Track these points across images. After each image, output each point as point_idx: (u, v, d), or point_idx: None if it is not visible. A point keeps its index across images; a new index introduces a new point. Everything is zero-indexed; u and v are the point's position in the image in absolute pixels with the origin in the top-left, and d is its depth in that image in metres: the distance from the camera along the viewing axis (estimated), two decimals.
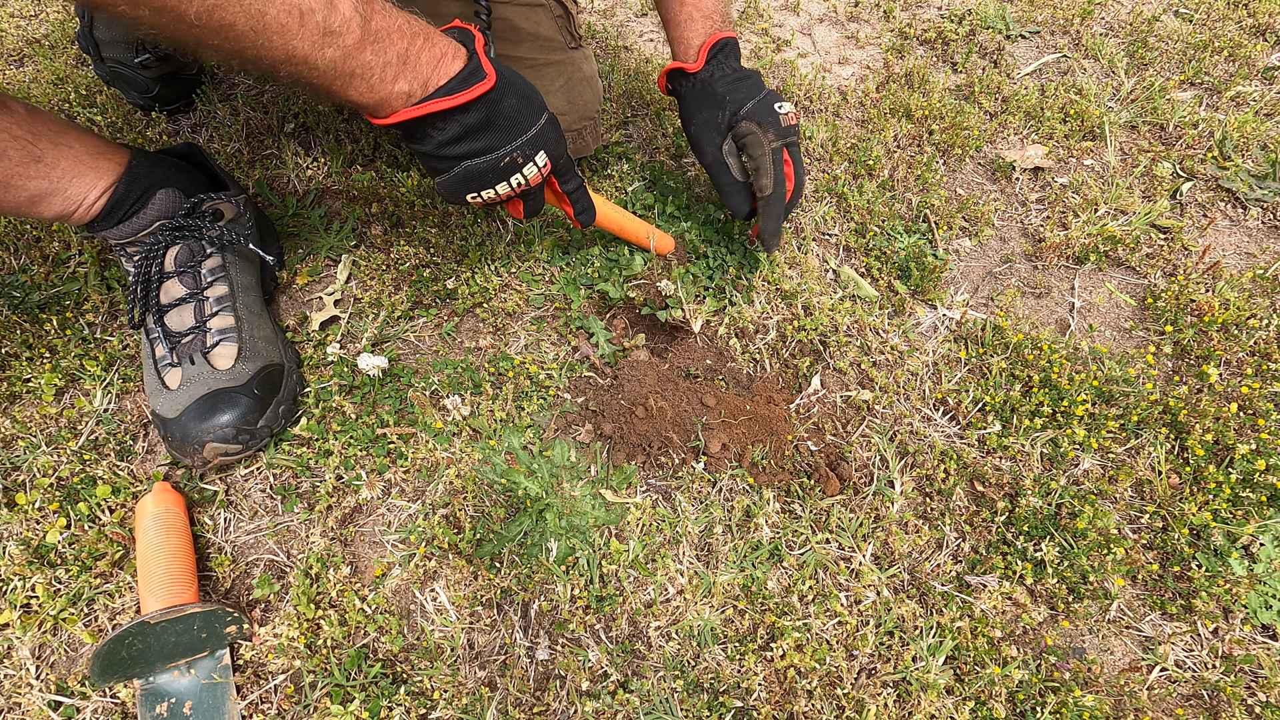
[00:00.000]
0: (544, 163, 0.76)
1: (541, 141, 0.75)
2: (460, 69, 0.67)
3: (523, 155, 0.74)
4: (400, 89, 0.64)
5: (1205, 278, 1.07)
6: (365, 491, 0.84)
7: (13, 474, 0.83)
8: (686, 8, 0.96)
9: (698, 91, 0.96)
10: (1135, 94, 1.36)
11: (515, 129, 0.72)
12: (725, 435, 0.88)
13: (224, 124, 1.22)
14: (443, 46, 0.67)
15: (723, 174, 0.95)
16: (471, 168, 0.72)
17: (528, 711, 0.71)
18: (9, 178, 0.72)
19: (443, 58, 0.66)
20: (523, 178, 0.75)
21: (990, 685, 0.72)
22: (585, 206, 0.87)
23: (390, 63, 0.62)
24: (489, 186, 0.74)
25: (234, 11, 0.52)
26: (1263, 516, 0.83)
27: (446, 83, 0.66)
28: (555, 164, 0.78)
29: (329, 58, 0.59)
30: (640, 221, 0.98)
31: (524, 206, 0.81)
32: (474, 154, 0.71)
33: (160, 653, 0.70)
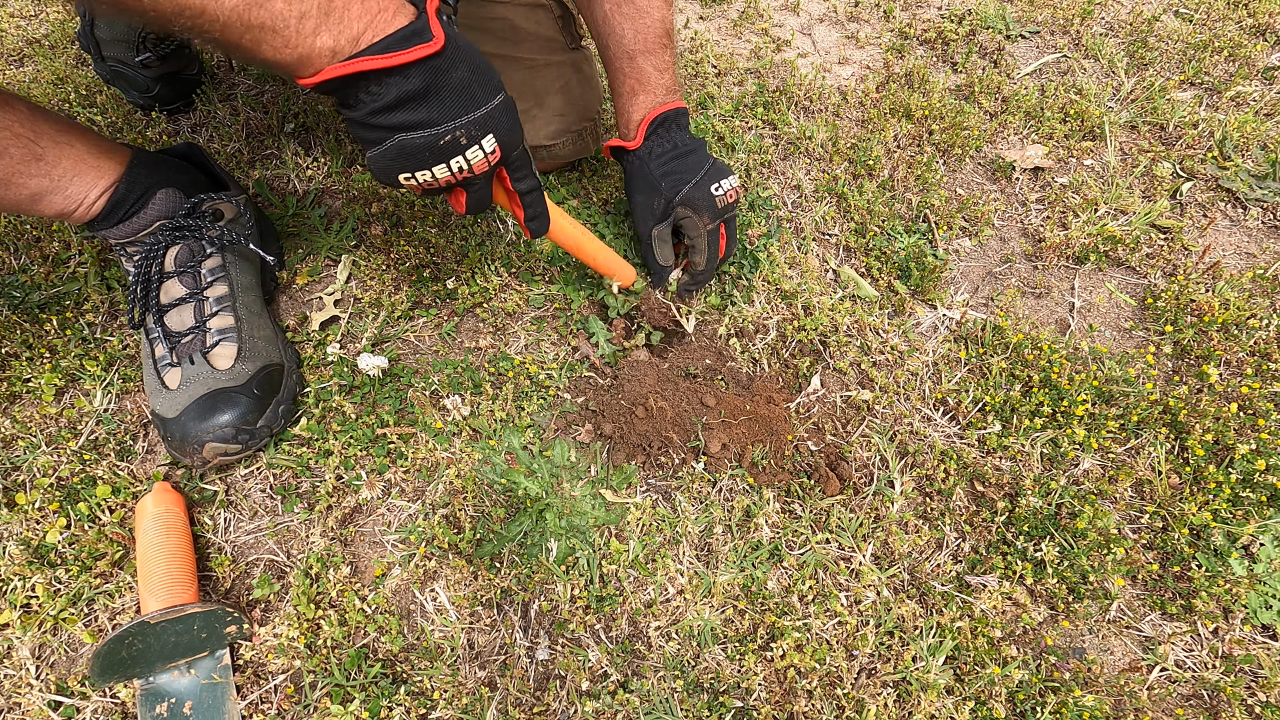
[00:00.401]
0: (492, 148, 0.67)
1: (492, 124, 0.66)
2: (402, 26, 0.59)
3: (467, 135, 0.64)
4: (323, 44, 0.56)
5: (1205, 278, 1.07)
6: (365, 491, 0.84)
7: (13, 474, 0.83)
8: (629, 80, 0.93)
9: (635, 169, 0.95)
10: (1135, 94, 1.36)
11: (462, 104, 0.63)
12: (725, 435, 0.88)
13: (224, 124, 1.22)
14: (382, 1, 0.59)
15: (650, 254, 0.97)
16: (407, 142, 0.63)
17: (528, 711, 0.71)
18: (10, 175, 0.72)
19: (380, 11, 0.58)
20: (465, 162, 0.66)
21: (990, 685, 0.72)
22: (538, 213, 0.79)
23: (308, 13, 0.54)
24: (425, 167, 0.65)
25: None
26: (1263, 516, 0.83)
27: (382, 39, 0.58)
28: (506, 154, 0.69)
29: (229, 6, 0.51)
30: (602, 246, 0.93)
31: (466, 199, 0.72)
32: (410, 126, 0.63)
33: (160, 653, 0.70)
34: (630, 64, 0.92)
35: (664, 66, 0.93)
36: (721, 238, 0.96)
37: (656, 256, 0.97)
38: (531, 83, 0.99)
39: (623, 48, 0.91)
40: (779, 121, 1.28)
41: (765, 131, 1.28)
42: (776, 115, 1.28)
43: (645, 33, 0.91)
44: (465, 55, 0.63)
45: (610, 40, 0.92)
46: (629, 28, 0.90)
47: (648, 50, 0.91)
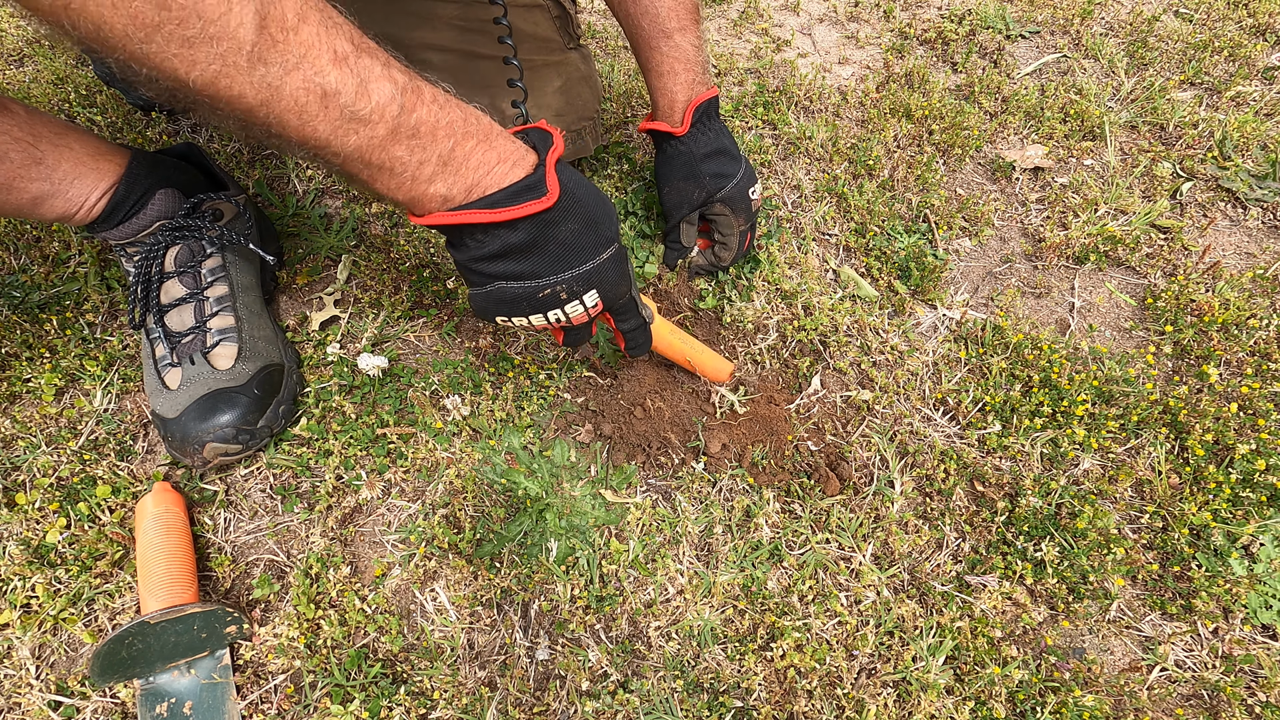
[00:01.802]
0: (594, 303, 0.66)
1: (596, 279, 0.64)
2: (518, 179, 0.58)
3: (568, 291, 0.63)
4: (437, 191, 0.56)
5: (1205, 278, 1.07)
6: (365, 491, 0.84)
7: (13, 474, 0.83)
8: (668, 59, 0.91)
9: (678, 155, 0.95)
10: (1135, 94, 1.36)
11: (567, 259, 0.62)
12: (725, 435, 0.88)
13: None
14: (504, 150, 0.58)
15: (674, 237, 1.01)
16: (506, 290, 0.63)
17: (528, 711, 0.71)
18: (11, 180, 0.72)
19: (499, 163, 0.58)
20: (563, 315, 0.65)
21: (990, 685, 0.72)
22: (640, 342, 0.78)
23: (427, 161, 0.54)
24: (522, 315, 0.65)
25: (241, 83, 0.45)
26: (1263, 516, 0.83)
27: (495, 192, 0.57)
28: (610, 305, 0.69)
29: (352, 146, 0.51)
30: (701, 348, 0.90)
31: (565, 337, 0.72)
32: (511, 276, 0.62)
33: (160, 653, 0.70)
34: (668, 42, 0.91)
35: (700, 43, 0.94)
36: (748, 237, 1.01)
37: (681, 239, 1.01)
38: (530, 83, 0.99)
39: (659, 26, 0.91)
40: (779, 121, 1.28)
41: (765, 131, 1.28)
42: (776, 115, 1.28)
43: (680, 8, 0.91)
44: (579, 208, 0.62)
45: (644, 20, 0.91)
46: (665, 5, 0.90)
47: (684, 27, 0.91)
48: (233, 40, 0.44)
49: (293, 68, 0.47)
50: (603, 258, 0.64)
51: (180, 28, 0.42)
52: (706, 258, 1.03)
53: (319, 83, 0.48)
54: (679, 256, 1.02)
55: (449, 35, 0.91)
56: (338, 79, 0.49)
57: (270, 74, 0.46)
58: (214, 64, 0.44)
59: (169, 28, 0.41)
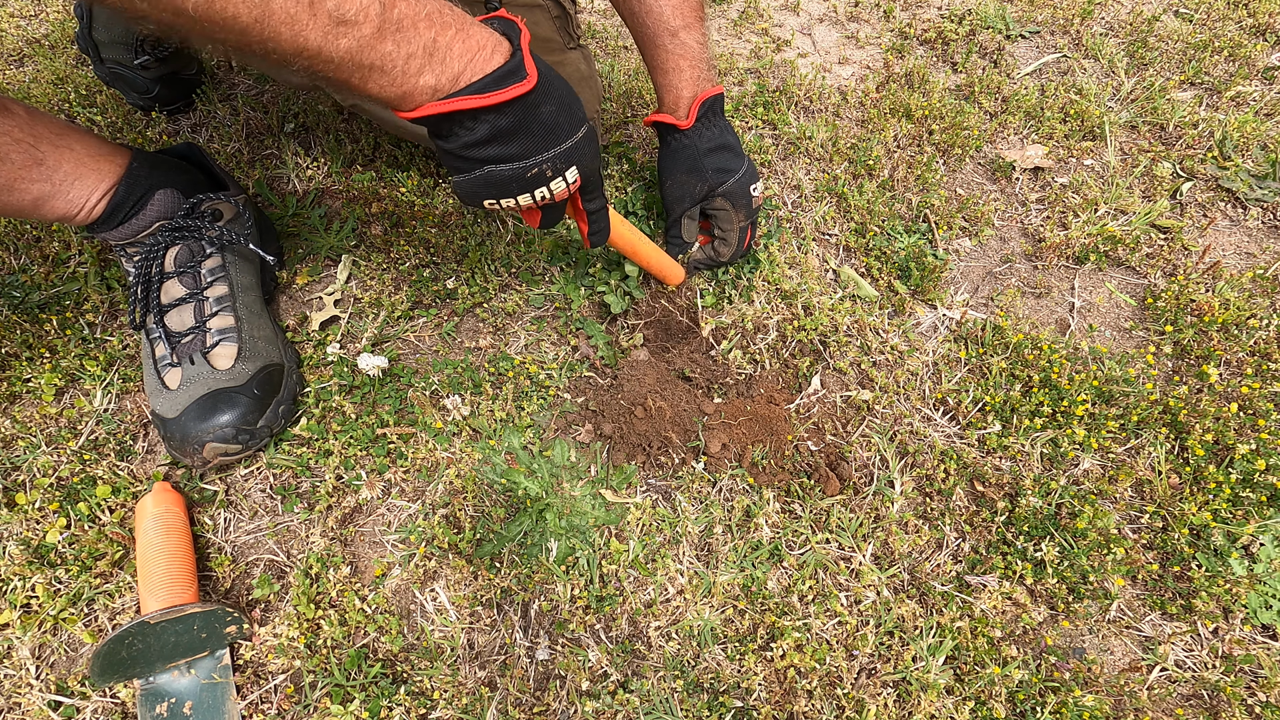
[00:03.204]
0: (574, 178, 0.70)
1: (576, 155, 0.69)
2: (498, 66, 0.61)
3: (553, 168, 0.68)
4: (426, 82, 0.58)
5: (1205, 278, 1.07)
6: (365, 491, 0.84)
7: (13, 474, 0.83)
8: (673, 57, 0.94)
9: (682, 149, 0.97)
10: (1135, 94, 1.36)
11: (550, 138, 0.66)
12: (725, 435, 0.88)
13: (224, 124, 1.22)
14: (480, 39, 0.60)
15: (675, 231, 1.02)
16: (495, 173, 0.66)
17: (528, 711, 0.71)
18: (12, 181, 0.72)
19: (479, 50, 0.60)
20: (548, 191, 0.69)
21: (990, 685, 0.72)
22: (602, 227, 0.82)
23: (414, 54, 0.57)
24: (510, 195, 0.69)
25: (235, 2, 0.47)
26: (1263, 516, 0.83)
27: (479, 79, 0.60)
28: (585, 180, 0.73)
29: (344, 49, 0.53)
30: (654, 247, 0.95)
31: (542, 218, 0.76)
32: (501, 159, 0.65)
33: (160, 653, 0.70)
34: (674, 40, 0.93)
35: (704, 40, 0.95)
36: (748, 234, 1.02)
37: (682, 233, 1.02)
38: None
39: (664, 24, 0.93)
40: (779, 121, 1.28)
41: (765, 131, 1.28)
42: (776, 115, 1.28)
43: (684, 6, 0.92)
44: (554, 90, 0.65)
45: (649, 18, 0.93)
46: (669, 3, 0.92)
47: (689, 25, 0.93)
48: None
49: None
50: (579, 135, 0.69)
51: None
52: (706, 253, 1.03)
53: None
54: (679, 251, 1.03)
55: None
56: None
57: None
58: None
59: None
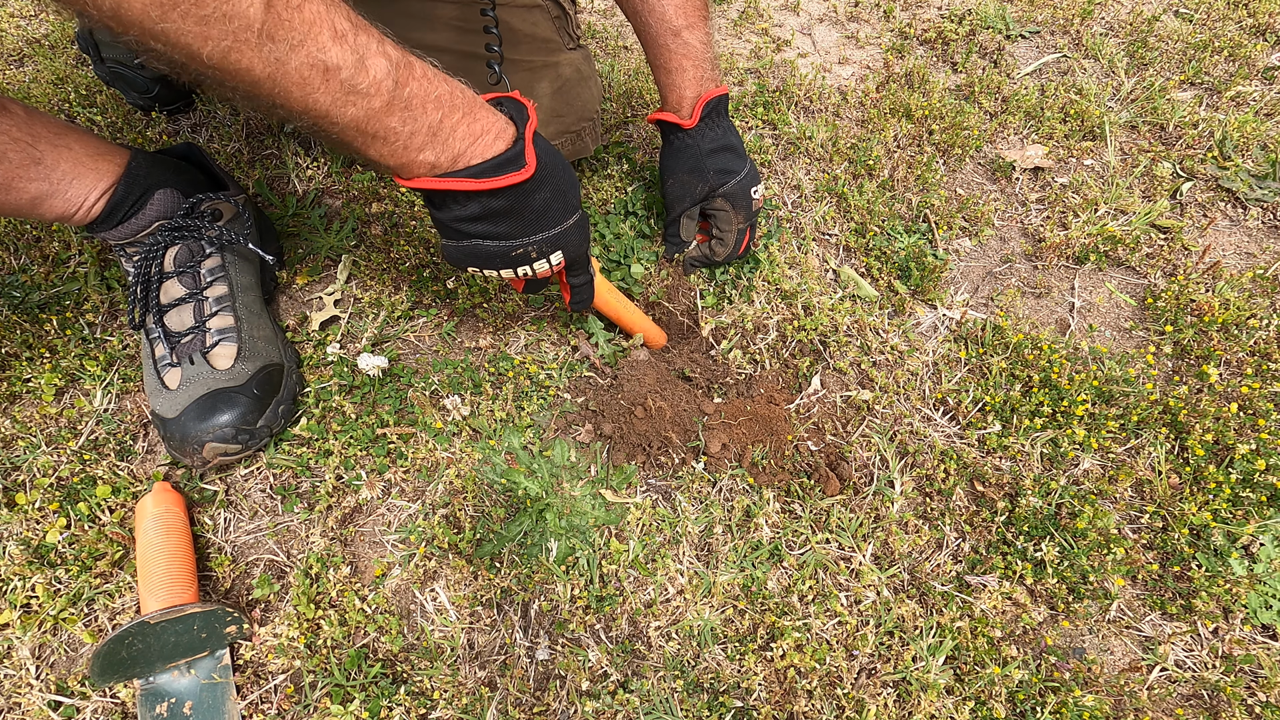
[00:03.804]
0: (558, 261, 0.74)
1: (563, 241, 0.72)
2: (499, 152, 0.63)
3: (538, 251, 0.71)
4: (425, 158, 0.61)
5: (1205, 278, 1.07)
6: (365, 491, 0.84)
7: (13, 474, 0.83)
8: (676, 56, 0.94)
9: (685, 148, 0.97)
10: (1135, 94, 1.36)
11: (539, 224, 0.69)
12: (725, 435, 0.88)
13: (224, 124, 1.22)
14: (486, 123, 0.63)
15: (674, 230, 1.03)
16: (482, 247, 0.69)
17: (528, 711, 0.71)
18: (9, 180, 0.72)
19: (481, 135, 0.62)
20: (530, 270, 0.73)
21: (990, 685, 0.72)
22: (585, 297, 0.85)
23: (418, 131, 0.59)
24: (494, 269, 0.72)
25: (250, 58, 0.49)
26: (1263, 516, 0.83)
27: (478, 164, 0.63)
28: (570, 262, 0.76)
29: (350, 116, 0.55)
30: (638, 313, 0.96)
31: (525, 286, 0.79)
32: (489, 236, 0.68)
33: (160, 653, 0.70)
34: (676, 40, 0.93)
35: (708, 40, 0.95)
36: (746, 236, 1.02)
37: (681, 232, 1.03)
38: (530, 85, 0.99)
39: (666, 24, 0.93)
40: (779, 121, 1.28)
41: (765, 131, 1.28)
42: (776, 115, 1.28)
43: (688, 6, 0.93)
44: (551, 178, 0.68)
45: (652, 18, 0.93)
46: (672, 3, 0.92)
47: (692, 25, 0.93)
48: (243, 19, 0.47)
49: (297, 44, 0.50)
50: (569, 223, 0.71)
51: (196, 7, 0.45)
52: (702, 251, 1.04)
53: (321, 58, 0.51)
54: (677, 250, 1.04)
55: (448, 36, 0.91)
56: (338, 55, 0.52)
57: (277, 50, 0.49)
58: (225, 40, 0.47)
59: (185, 6, 0.44)
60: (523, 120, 0.66)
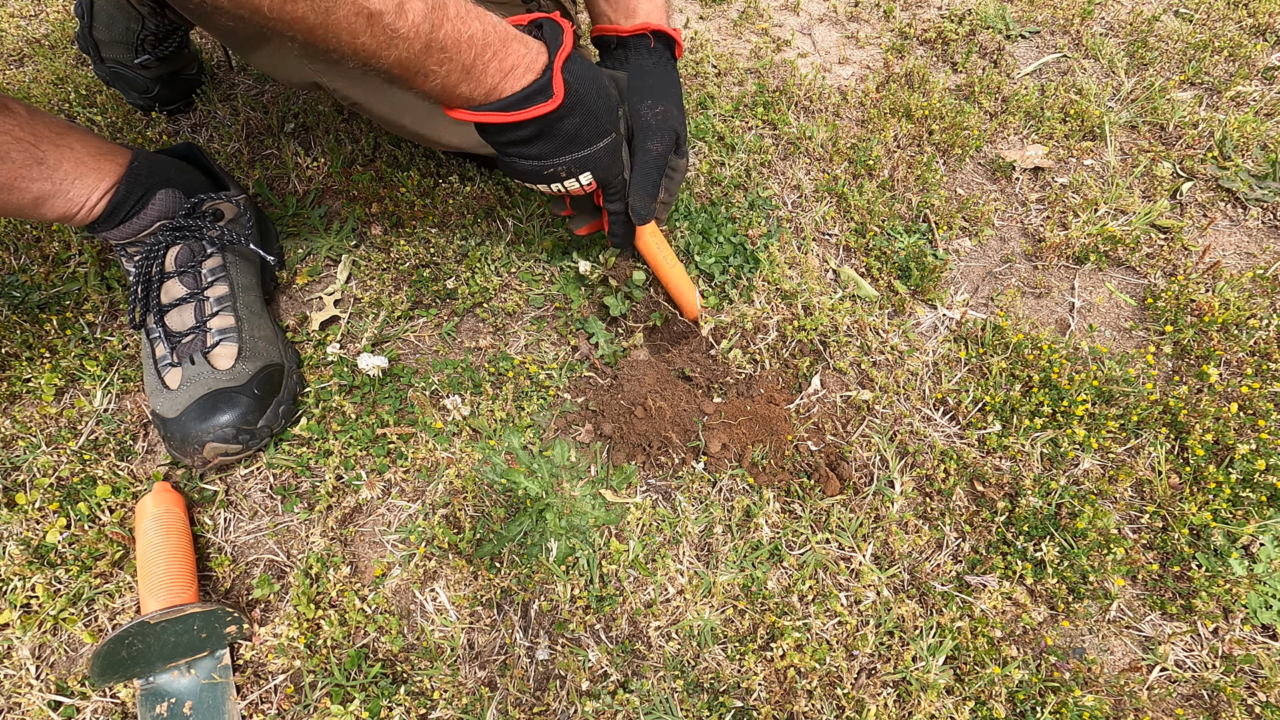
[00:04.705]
0: (588, 181, 0.77)
1: (591, 163, 0.76)
2: (527, 84, 0.67)
3: (568, 170, 0.75)
4: (462, 93, 0.65)
5: (1205, 278, 1.07)
6: (365, 491, 0.84)
7: (13, 474, 0.83)
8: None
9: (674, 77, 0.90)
10: (1135, 94, 1.36)
11: (568, 147, 0.73)
12: (725, 435, 0.88)
13: (224, 124, 1.22)
14: (517, 57, 0.66)
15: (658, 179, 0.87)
16: (517, 164, 0.74)
17: (528, 711, 0.71)
18: (12, 180, 0.72)
19: (512, 70, 0.66)
20: (563, 187, 0.77)
21: (990, 685, 0.72)
22: (621, 231, 0.87)
23: (453, 70, 0.63)
24: (532, 184, 0.77)
25: (304, 7, 0.53)
26: (1263, 516, 0.83)
27: (508, 96, 0.67)
28: (602, 184, 0.80)
29: (394, 57, 0.60)
30: (679, 272, 0.94)
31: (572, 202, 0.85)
32: (523, 156, 0.73)
33: (160, 653, 0.70)
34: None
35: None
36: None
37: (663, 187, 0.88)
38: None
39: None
40: (779, 121, 1.28)
41: (765, 131, 1.28)
42: (776, 115, 1.28)
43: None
44: (582, 104, 0.71)
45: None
46: None
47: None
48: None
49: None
50: (599, 146, 0.75)
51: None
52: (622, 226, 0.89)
53: (365, 5, 0.55)
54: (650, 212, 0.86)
55: None
56: (381, 2, 0.56)
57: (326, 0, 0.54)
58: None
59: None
60: (556, 45, 0.69)
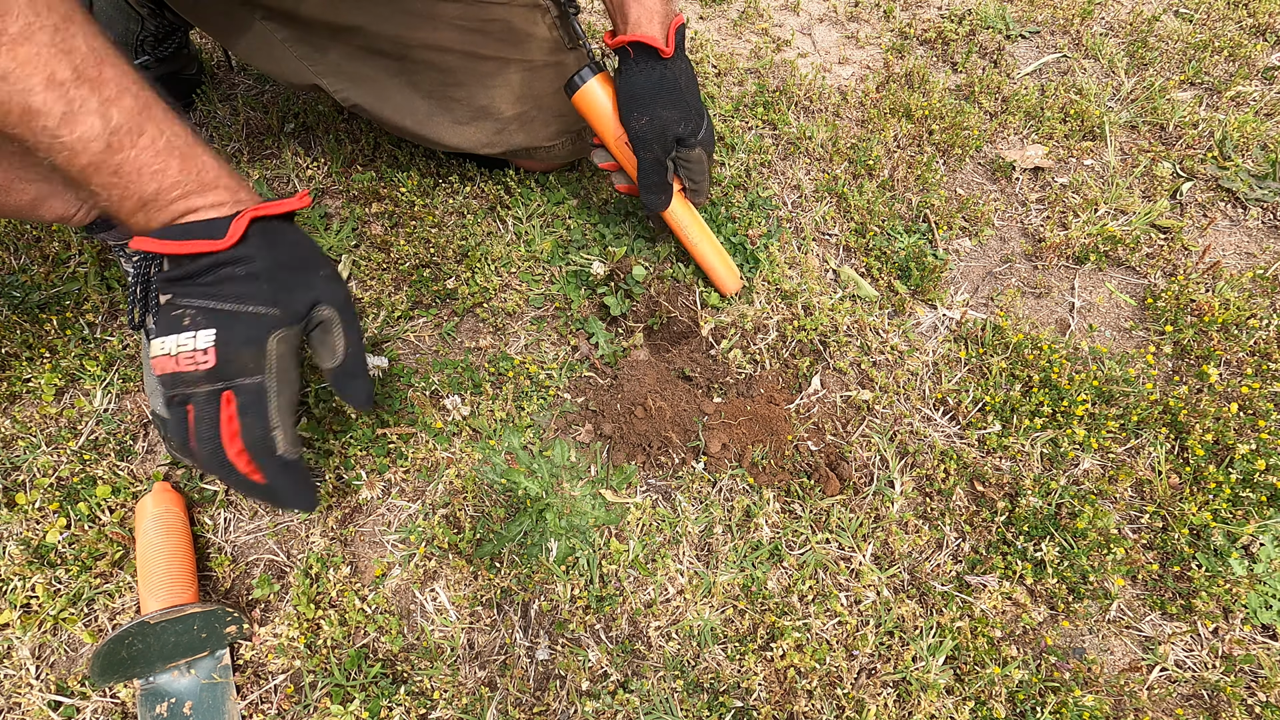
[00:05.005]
0: (206, 345, 0.62)
1: (217, 322, 0.62)
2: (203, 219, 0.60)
3: (191, 320, 0.62)
4: (135, 221, 0.60)
5: (1205, 278, 1.07)
6: (365, 491, 0.84)
7: (13, 474, 0.83)
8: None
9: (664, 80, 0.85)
10: (1135, 94, 1.36)
11: (206, 294, 0.62)
12: (725, 435, 0.88)
13: (224, 124, 1.22)
14: (211, 206, 0.61)
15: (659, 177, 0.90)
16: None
17: (528, 711, 0.71)
18: (9, 181, 0.72)
19: (197, 211, 0.60)
20: (176, 343, 0.62)
21: (990, 685, 0.72)
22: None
23: (128, 198, 0.58)
24: (163, 325, 0.64)
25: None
26: (1263, 516, 0.83)
27: (179, 255, 0.61)
28: (220, 362, 0.62)
29: (59, 161, 0.55)
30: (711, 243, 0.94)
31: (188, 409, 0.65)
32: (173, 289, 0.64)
33: (160, 653, 0.70)
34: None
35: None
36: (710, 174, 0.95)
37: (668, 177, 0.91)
38: (531, 84, 0.99)
39: None
40: (779, 121, 1.28)
41: (765, 131, 1.28)
42: (776, 115, 1.28)
43: None
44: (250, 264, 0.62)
45: None
46: None
47: None
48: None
49: (2, 77, 0.50)
50: (251, 310, 0.63)
51: None
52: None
53: (25, 100, 0.50)
54: (664, 203, 0.91)
55: (451, 35, 0.91)
56: (44, 101, 0.51)
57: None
58: None
59: None
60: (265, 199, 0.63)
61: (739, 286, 1.00)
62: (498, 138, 1.01)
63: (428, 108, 0.98)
